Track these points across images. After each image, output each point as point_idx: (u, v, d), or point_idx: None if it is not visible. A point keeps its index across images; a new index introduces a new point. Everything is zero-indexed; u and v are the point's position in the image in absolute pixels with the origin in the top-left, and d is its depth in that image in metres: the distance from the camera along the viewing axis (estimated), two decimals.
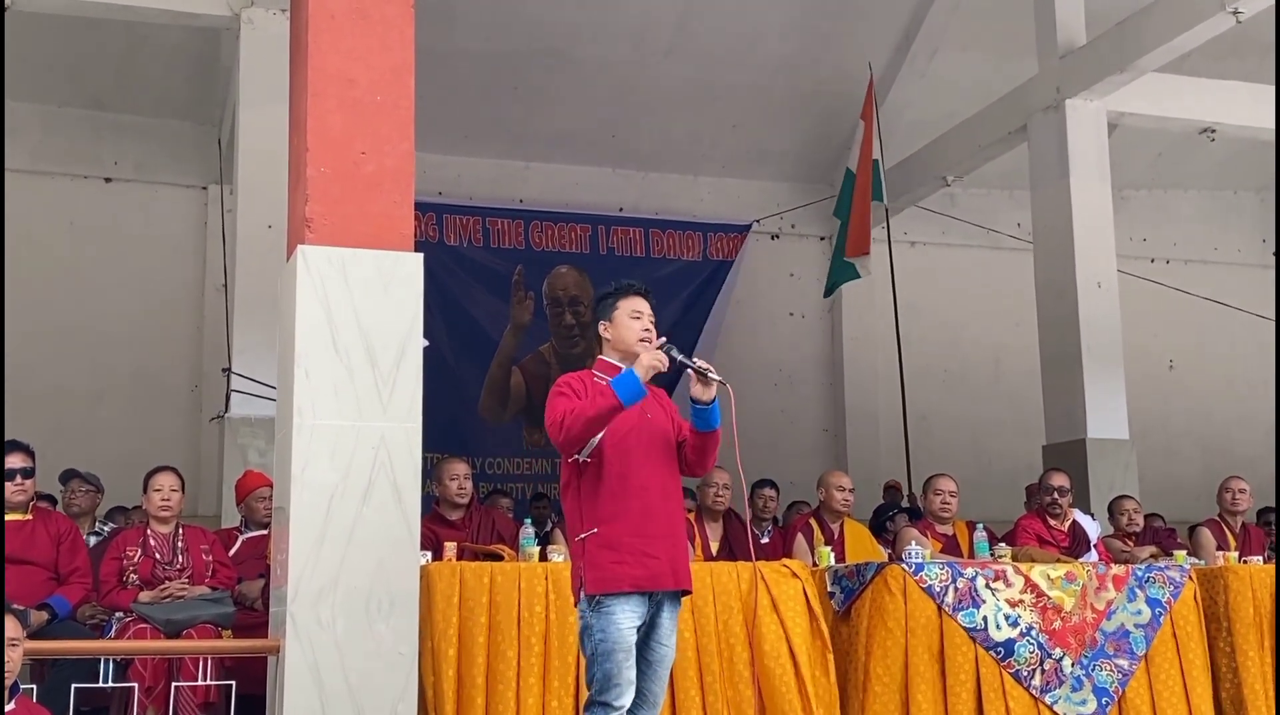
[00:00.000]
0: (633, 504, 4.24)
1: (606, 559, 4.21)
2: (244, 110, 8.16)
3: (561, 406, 4.21)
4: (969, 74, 11.22)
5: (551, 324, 11.71)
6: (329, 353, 4.66)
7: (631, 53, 11.03)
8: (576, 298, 11.78)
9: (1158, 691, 6.14)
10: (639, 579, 4.20)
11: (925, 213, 12.28)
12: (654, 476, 4.31)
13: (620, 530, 4.22)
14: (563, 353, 11.64)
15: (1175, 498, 11.04)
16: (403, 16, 4.97)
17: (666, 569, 4.26)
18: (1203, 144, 11.05)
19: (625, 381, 4.14)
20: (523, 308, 11.69)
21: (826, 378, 12.75)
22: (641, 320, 4.40)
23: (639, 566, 4.20)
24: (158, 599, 5.85)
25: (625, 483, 4.25)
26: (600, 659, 4.17)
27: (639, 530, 4.22)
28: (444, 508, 6.69)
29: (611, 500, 4.24)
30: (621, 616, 4.18)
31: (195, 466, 9.70)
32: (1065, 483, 7.56)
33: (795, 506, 9.30)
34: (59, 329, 10.39)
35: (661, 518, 4.29)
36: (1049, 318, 10.02)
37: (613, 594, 4.18)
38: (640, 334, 4.37)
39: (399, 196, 4.86)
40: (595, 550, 4.24)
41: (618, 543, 4.21)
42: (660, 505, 4.30)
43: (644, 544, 4.22)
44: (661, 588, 4.27)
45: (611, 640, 4.16)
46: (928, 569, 5.95)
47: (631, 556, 4.20)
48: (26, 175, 10.28)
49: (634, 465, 4.27)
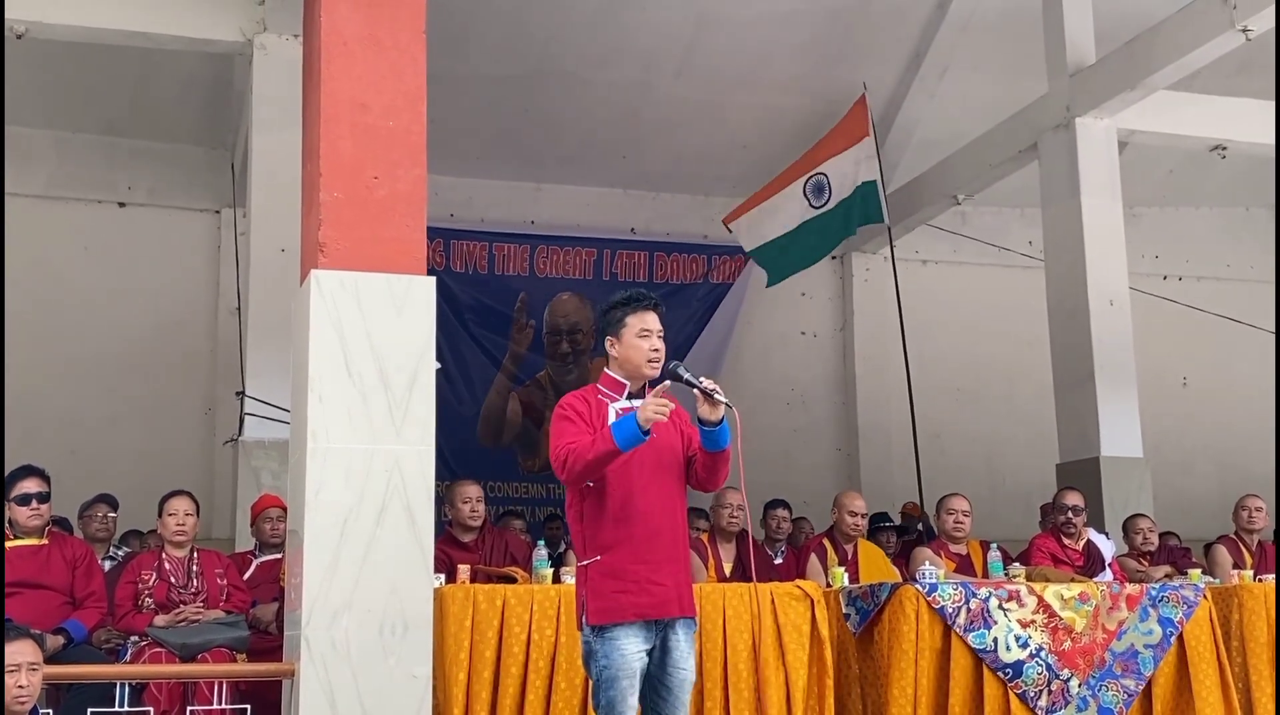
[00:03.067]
0: (636, 530, 4.17)
1: (609, 587, 4.14)
2: (257, 135, 8.20)
3: (565, 441, 4.15)
4: (979, 93, 11.22)
5: (548, 351, 11.75)
6: (342, 376, 4.68)
7: (642, 74, 11.07)
8: (576, 325, 11.82)
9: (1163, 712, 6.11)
10: (643, 608, 4.14)
11: (936, 231, 12.28)
12: (658, 500, 4.23)
13: (623, 558, 4.15)
14: (558, 381, 11.68)
15: (1191, 516, 10.99)
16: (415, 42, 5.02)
17: (672, 596, 4.19)
18: (1214, 161, 11.04)
19: (624, 428, 4.05)
20: (522, 336, 11.73)
21: (839, 397, 12.74)
22: (650, 339, 4.28)
23: (643, 595, 4.14)
24: (173, 623, 5.87)
25: (628, 509, 4.18)
26: (604, 686, 4.13)
27: (643, 557, 4.15)
28: (457, 530, 6.71)
29: (614, 526, 4.18)
30: (626, 644, 4.12)
31: (209, 490, 9.71)
32: (1079, 502, 7.54)
33: (798, 524, 9.28)
34: (73, 354, 10.43)
35: (666, 542, 4.21)
36: (1061, 335, 10.01)
37: (613, 623, 4.13)
38: (649, 355, 4.27)
39: (411, 220, 4.89)
40: (598, 578, 4.17)
41: (621, 571, 4.14)
42: (665, 529, 4.22)
43: (649, 571, 4.15)
44: (667, 615, 4.19)
45: (615, 667, 4.11)
46: (941, 589, 5.95)
47: (635, 585, 4.13)
48: (41, 201, 10.35)
49: (637, 490, 4.20)
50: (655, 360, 4.29)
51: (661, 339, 4.32)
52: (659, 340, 4.31)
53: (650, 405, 4.04)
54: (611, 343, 4.35)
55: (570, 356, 11.74)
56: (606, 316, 4.38)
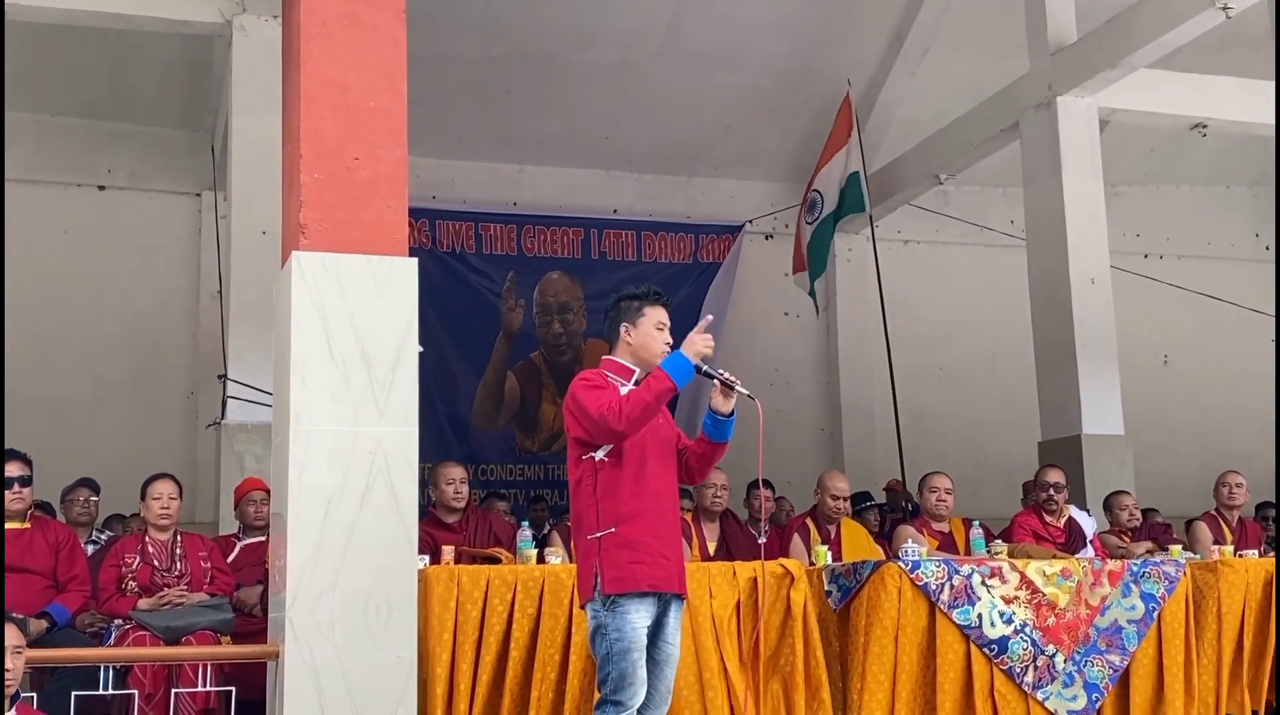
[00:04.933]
0: (649, 505, 4.32)
1: (625, 558, 4.26)
2: (237, 117, 8.17)
3: (605, 397, 4.27)
4: (960, 72, 11.23)
5: (540, 332, 11.73)
6: (325, 358, 4.67)
7: (624, 55, 11.04)
8: (566, 304, 11.81)
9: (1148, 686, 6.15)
10: (656, 579, 4.28)
11: (918, 211, 12.31)
12: (662, 481, 4.39)
13: (639, 530, 4.28)
14: (552, 361, 11.67)
15: (1172, 493, 11.05)
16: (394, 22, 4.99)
17: (676, 571, 4.35)
18: (1195, 139, 11.06)
19: (674, 363, 4.24)
20: (513, 315, 11.70)
21: (822, 377, 12.77)
22: (665, 333, 4.49)
23: (657, 567, 4.28)
24: (156, 606, 5.87)
25: (643, 484, 4.32)
26: (616, 658, 4.22)
27: (655, 531, 4.31)
28: (441, 512, 6.71)
29: (630, 500, 4.30)
30: (636, 616, 4.24)
31: (192, 473, 9.69)
32: (1061, 479, 7.58)
33: (779, 503, 9.31)
34: (54, 338, 10.39)
35: (671, 521, 4.40)
36: (1043, 314, 10.04)
37: (629, 594, 4.23)
38: (663, 348, 4.45)
39: (393, 202, 4.88)
40: (613, 549, 4.28)
41: (636, 542, 4.27)
42: (671, 509, 4.41)
43: (660, 545, 4.31)
44: (673, 590, 4.35)
45: (627, 639, 4.22)
46: (924, 566, 5.97)
47: (650, 557, 4.27)
48: (21, 184, 10.28)
49: (650, 467, 4.36)
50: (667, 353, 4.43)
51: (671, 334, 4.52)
52: (670, 336, 4.51)
53: (697, 342, 4.27)
54: (627, 330, 4.50)
55: (563, 337, 11.73)
56: (622, 305, 4.54)
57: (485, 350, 11.59)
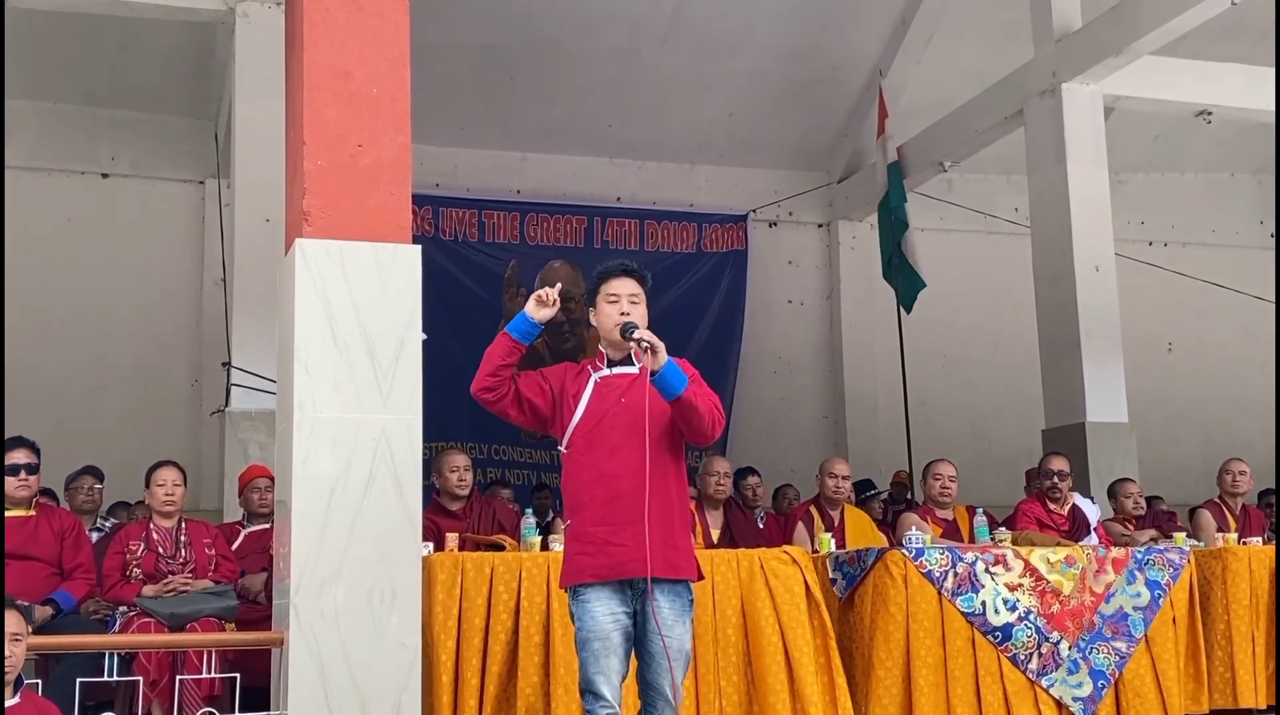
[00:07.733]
0: (598, 493, 4.21)
1: (573, 550, 4.25)
2: (240, 104, 8.16)
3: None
4: (965, 59, 11.21)
5: None
6: (328, 346, 4.67)
7: (627, 43, 11.02)
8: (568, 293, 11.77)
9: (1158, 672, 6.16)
10: (600, 569, 4.16)
11: (923, 198, 12.28)
12: (627, 464, 4.18)
13: (585, 520, 4.23)
14: (555, 348, 11.65)
15: (1175, 480, 11.05)
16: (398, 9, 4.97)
17: (635, 555, 4.12)
18: (1200, 127, 11.04)
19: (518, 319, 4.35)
20: (515, 304, 11.69)
21: (826, 365, 12.76)
22: (619, 303, 4.32)
23: (600, 556, 4.16)
24: (161, 593, 5.87)
25: (596, 472, 4.22)
26: (578, 647, 4.20)
27: (603, 519, 4.18)
28: (444, 499, 6.72)
29: (583, 490, 4.26)
30: (596, 606, 4.15)
31: (196, 461, 9.70)
32: (1065, 467, 7.57)
33: (781, 491, 9.30)
34: (58, 326, 10.40)
35: (632, 504, 4.13)
36: (1047, 302, 10.03)
37: (582, 585, 4.18)
38: (616, 318, 4.30)
39: (396, 189, 4.86)
40: (568, 541, 4.31)
41: (581, 533, 4.23)
42: (633, 491, 4.14)
43: (608, 533, 4.16)
44: (627, 576, 4.16)
45: (587, 629, 4.16)
46: (928, 554, 5.97)
47: (594, 546, 4.18)
48: (23, 172, 10.29)
49: (603, 455, 4.22)
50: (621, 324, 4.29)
51: (634, 302, 4.33)
52: (629, 303, 4.33)
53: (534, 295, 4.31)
54: (592, 315, 4.42)
55: (565, 325, 11.72)
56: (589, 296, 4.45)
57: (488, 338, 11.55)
